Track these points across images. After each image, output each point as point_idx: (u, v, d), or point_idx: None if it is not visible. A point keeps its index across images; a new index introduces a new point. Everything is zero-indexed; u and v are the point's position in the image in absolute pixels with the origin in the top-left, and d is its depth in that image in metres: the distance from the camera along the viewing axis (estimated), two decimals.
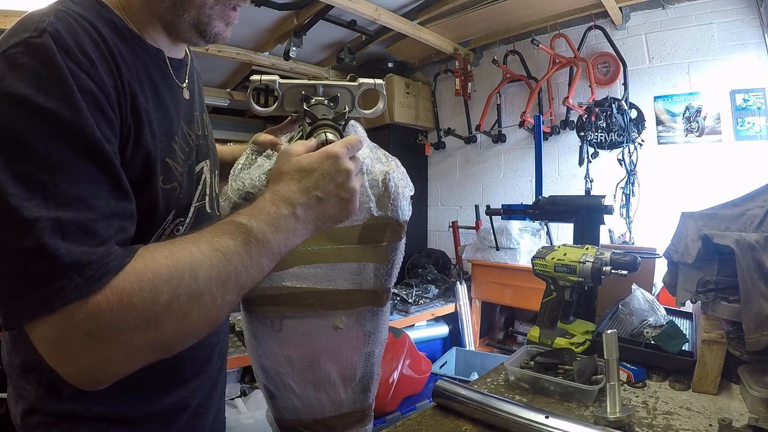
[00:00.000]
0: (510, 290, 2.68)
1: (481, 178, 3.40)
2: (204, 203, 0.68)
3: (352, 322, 0.67)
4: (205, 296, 0.47)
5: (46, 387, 0.57)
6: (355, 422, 0.71)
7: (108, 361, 0.44)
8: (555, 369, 0.89)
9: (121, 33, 0.55)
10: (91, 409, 0.58)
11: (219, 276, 0.48)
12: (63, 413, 0.58)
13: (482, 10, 2.74)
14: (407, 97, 3.46)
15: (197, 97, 0.72)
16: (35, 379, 0.58)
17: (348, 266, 0.66)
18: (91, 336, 0.42)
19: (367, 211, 0.62)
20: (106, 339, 0.43)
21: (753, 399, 0.73)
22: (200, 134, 0.70)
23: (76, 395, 0.58)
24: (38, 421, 0.58)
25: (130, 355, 0.45)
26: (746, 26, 2.28)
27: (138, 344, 0.44)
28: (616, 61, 2.65)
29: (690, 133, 2.46)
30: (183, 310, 0.45)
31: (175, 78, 0.65)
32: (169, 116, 0.61)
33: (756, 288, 0.79)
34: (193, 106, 0.69)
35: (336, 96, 0.66)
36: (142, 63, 0.58)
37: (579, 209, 1.24)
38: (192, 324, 0.47)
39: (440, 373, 2.39)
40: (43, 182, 0.42)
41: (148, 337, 0.44)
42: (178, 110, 0.64)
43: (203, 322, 0.48)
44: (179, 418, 0.66)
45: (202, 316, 0.47)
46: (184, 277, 0.45)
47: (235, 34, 2.97)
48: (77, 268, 0.42)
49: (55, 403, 0.57)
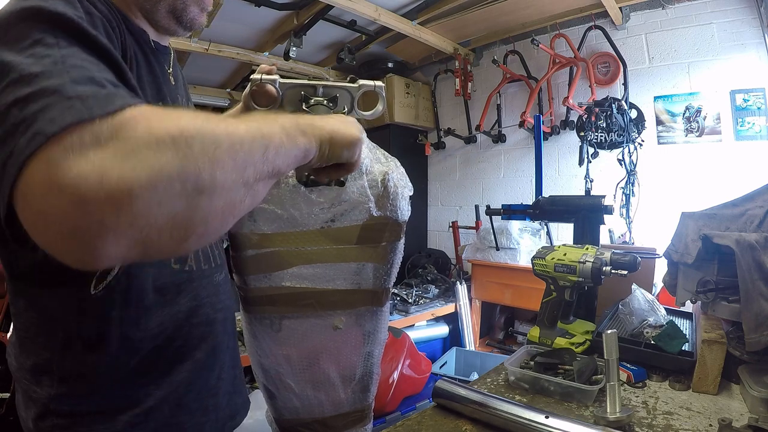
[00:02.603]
0: (510, 290, 2.68)
1: (481, 178, 3.40)
2: None
3: (352, 322, 0.67)
4: (235, 144, 0.39)
5: (59, 386, 0.57)
6: (355, 422, 0.71)
7: (126, 180, 0.32)
8: (555, 369, 0.89)
9: (111, 11, 0.58)
10: (104, 404, 0.58)
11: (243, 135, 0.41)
12: (77, 413, 0.57)
13: (482, 10, 2.74)
14: (407, 97, 3.46)
15: (181, 86, 0.76)
16: (47, 380, 0.58)
17: (347, 266, 0.66)
18: (105, 147, 0.33)
19: (366, 212, 0.62)
20: (123, 154, 0.33)
21: (753, 399, 0.73)
22: None
23: (89, 392, 0.58)
24: (52, 424, 0.57)
25: (154, 178, 0.33)
26: (746, 26, 2.28)
27: (163, 166, 0.34)
28: (616, 61, 2.65)
29: (690, 133, 2.46)
30: (213, 140, 0.37)
31: (162, 62, 0.69)
32: (161, 90, 0.65)
33: (756, 288, 0.79)
34: (178, 91, 0.73)
35: (335, 97, 0.66)
36: (134, 38, 0.62)
37: (579, 209, 1.24)
38: (225, 164, 0.38)
39: (440, 373, 2.39)
40: (52, 55, 0.40)
41: (175, 159, 0.34)
42: (168, 88, 0.68)
43: (235, 170, 0.39)
44: (188, 396, 0.66)
45: (232, 161, 0.38)
46: (209, 126, 0.38)
47: (235, 34, 2.98)
48: (81, 98, 0.35)
49: (68, 403, 0.57)
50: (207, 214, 0.38)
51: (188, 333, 0.66)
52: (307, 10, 2.64)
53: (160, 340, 0.62)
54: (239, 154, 0.39)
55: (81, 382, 0.56)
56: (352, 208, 0.61)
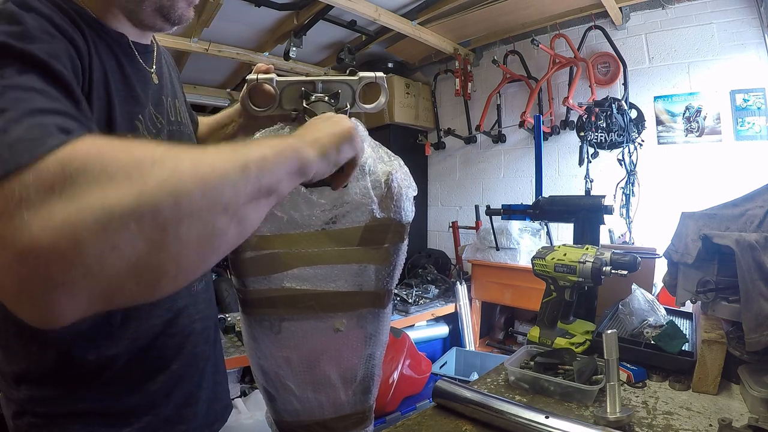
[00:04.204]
0: (510, 290, 2.68)
1: (481, 178, 3.40)
2: None
3: (353, 324, 0.67)
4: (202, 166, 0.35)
5: (35, 390, 0.59)
6: (356, 424, 0.71)
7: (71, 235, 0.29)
8: (555, 369, 0.89)
9: (83, 17, 0.57)
10: (78, 406, 0.59)
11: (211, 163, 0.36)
12: (52, 414, 0.59)
13: (482, 10, 2.74)
14: (407, 97, 3.46)
15: (168, 84, 0.74)
16: (25, 384, 0.59)
17: (349, 268, 0.65)
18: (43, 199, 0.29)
19: (369, 213, 0.61)
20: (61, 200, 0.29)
21: (753, 399, 0.73)
22: (173, 120, 0.71)
23: (65, 396, 0.59)
24: (28, 423, 0.59)
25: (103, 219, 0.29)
26: (746, 26, 2.27)
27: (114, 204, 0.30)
28: (616, 61, 2.65)
29: (690, 133, 2.46)
30: (173, 168, 0.33)
31: (142, 62, 0.67)
32: (135, 95, 0.62)
33: (756, 288, 0.79)
34: (162, 90, 0.71)
35: (337, 93, 0.66)
36: (106, 44, 0.59)
37: (579, 209, 1.24)
38: (191, 192, 0.33)
39: (440, 373, 2.38)
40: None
41: (128, 195, 0.31)
42: (146, 92, 0.65)
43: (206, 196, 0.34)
44: (165, 406, 0.66)
45: (200, 188, 0.34)
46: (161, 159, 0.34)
47: (235, 34, 2.98)
48: (6, 144, 0.32)
49: (44, 405, 0.59)
50: (177, 253, 0.33)
51: (164, 344, 0.66)
52: (307, 10, 2.64)
53: (136, 350, 0.62)
54: (209, 179, 0.35)
55: (57, 388, 0.57)
56: (355, 209, 0.60)
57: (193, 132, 0.81)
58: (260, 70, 0.67)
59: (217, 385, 0.79)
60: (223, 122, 0.90)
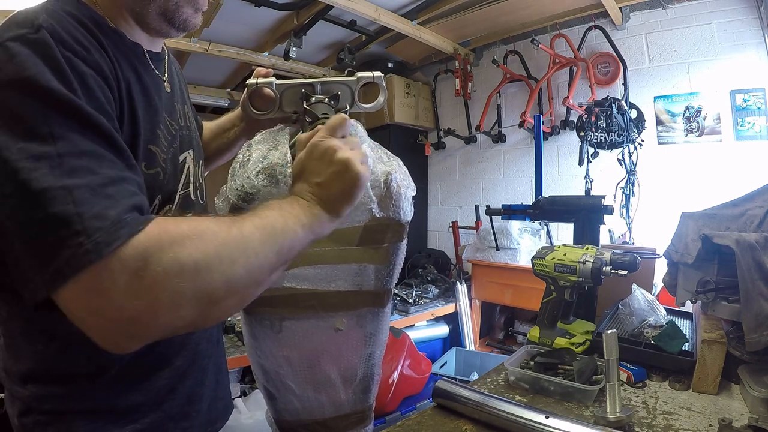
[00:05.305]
0: (510, 290, 2.68)
1: (481, 178, 3.40)
2: (188, 191, 0.71)
3: (353, 324, 0.67)
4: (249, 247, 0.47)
5: (41, 388, 0.59)
6: (356, 423, 0.71)
7: (149, 309, 0.42)
8: (555, 369, 0.89)
9: (102, 28, 0.57)
10: (85, 405, 0.59)
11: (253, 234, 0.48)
12: (58, 411, 0.59)
13: (482, 10, 2.74)
14: (407, 97, 3.46)
15: (178, 90, 0.75)
16: (31, 382, 0.59)
17: (348, 267, 0.66)
18: (128, 287, 0.41)
19: (368, 212, 0.61)
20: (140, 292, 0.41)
21: (753, 399, 0.73)
22: (183, 125, 0.72)
23: (70, 393, 0.59)
24: (34, 421, 0.59)
25: (174, 304, 0.43)
26: (746, 26, 2.28)
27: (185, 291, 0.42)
28: (616, 61, 2.65)
29: (690, 133, 2.46)
30: (230, 258, 0.45)
31: (155, 70, 0.67)
32: (153, 105, 0.63)
33: (756, 288, 0.79)
34: (174, 97, 0.72)
35: (336, 94, 0.66)
36: (124, 55, 0.60)
37: (579, 209, 1.24)
38: (239, 276, 0.46)
39: (440, 373, 2.39)
40: (48, 154, 0.42)
41: (196, 284, 0.43)
42: (161, 100, 0.66)
43: (248, 276, 0.47)
44: (169, 403, 0.67)
45: (247, 272, 0.46)
46: (217, 233, 0.45)
47: (235, 34, 2.98)
48: (88, 233, 0.40)
49: (50, 402, 0.59)
50: (219, 316, 0.48)
51: (169, 339, 0.66)
52: (307, 10, 2.64)
53: (142, 347, 0.63)
54: (253, 265, 0.47)
55: (63, 386, 0.57)
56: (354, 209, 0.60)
57: (199, 135, 0.82)
58: (260, 75, 0.68)
59: (219, 383, 0.79)
60: (225, 126, 0.92)
